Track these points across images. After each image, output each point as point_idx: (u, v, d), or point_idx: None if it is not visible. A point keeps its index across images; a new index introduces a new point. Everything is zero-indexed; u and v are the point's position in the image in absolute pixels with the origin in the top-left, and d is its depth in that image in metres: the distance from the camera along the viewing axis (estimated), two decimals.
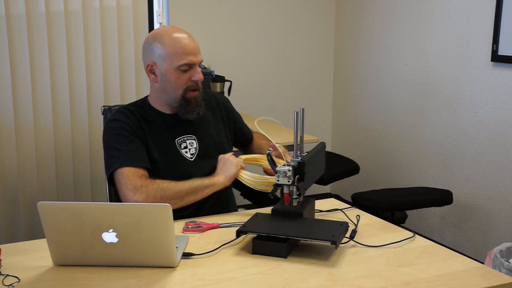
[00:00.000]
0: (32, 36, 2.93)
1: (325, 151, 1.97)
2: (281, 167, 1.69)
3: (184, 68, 1.94)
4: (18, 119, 2.96)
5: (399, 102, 3.92)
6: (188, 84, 1.97)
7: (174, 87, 1.96)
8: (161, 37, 1.95)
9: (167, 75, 1.95)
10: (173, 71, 1.94)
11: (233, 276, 1.47)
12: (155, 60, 1.96)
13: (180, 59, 1.93)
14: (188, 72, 1.96)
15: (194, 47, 1.96)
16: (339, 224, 1.66)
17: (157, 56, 1.95)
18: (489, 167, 3.31)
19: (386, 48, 3.98)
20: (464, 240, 3.52)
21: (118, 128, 1.95)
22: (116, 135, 1.95)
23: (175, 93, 1.97)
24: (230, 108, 2.24)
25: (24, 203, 3.02)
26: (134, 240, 1.46)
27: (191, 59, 1.94)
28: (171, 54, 1.93)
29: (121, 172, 1.87)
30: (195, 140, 2.05)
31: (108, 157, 1.94)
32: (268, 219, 1.71)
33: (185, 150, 2.02)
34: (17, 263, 1.52)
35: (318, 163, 1.89)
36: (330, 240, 1.54)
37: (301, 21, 4.29)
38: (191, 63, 1.95)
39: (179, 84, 1.96)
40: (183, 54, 1.93)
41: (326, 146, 1.97)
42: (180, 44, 1.94)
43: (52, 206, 1.46)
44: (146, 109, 2.04)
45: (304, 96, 4.41)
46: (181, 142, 2.03)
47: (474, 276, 1.49)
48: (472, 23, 3.32)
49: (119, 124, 1.96)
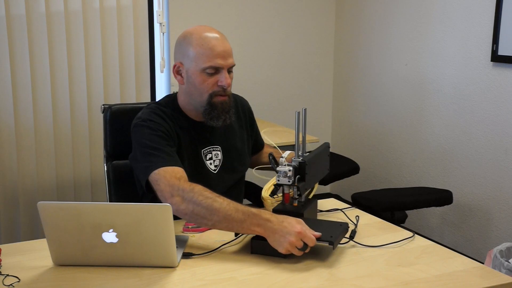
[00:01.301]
0: (32, 36, 2.93)
1: (329, 152, 1.93)
2: (281, 167, 1.68)
3: (210, 71, 1.81)
4: (18, 119, 2.96)
5: (399, 102, 3.92)
6: (214, 89, 1.84)
7: (199, 91, 1.84)
8: (191, 36, 1.84)
9: (192, 78, 1.84)
10: (199, 73, 1.82)
11: (233, 276, 1.47)
12: (182, 60, 1.86)
13: (206, 61, 1.80)
14: (214, 75, 1.83)
15: (224, 50, 1.83)
16: (339, 225, 1.66)
17: (185, 56, 1.84)
18: (489, 167, 3.31)
19: (386, 48, 3.98)
20: (464, 240, 3.52)
21: (154, 128, 1.82)
22: (153, 135, 1.80)
23: (201, 97, 1.85)
24: (253, 116, 2.13)
25: (24, 203, 3.02)
26: (134, 240, 1.46)
27: (218, 62, 1.81)
28: (198, 55, 1.81)
29: (165, 171, 1.70)
30: (220, 152, 1.96)
31: (147, 155, 1.77)
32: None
33: (209, 162, 1.93)
34: (17, 263, 1.52)
35: (321, 163, 1.86)
36: (328, 241, 1.54)
37: (301, 21, 4.29)
38: (218, 67, 1.82)
39: (204, 88, 1.83)
40: (210, 56, 1.80)
41: (329, 147, 1.93)
42: (208, 45, 1.81)
43: (52, 206, 1.46)
44: (177, 113, 1.92)
45: (304, 96, 4.41)
46: (207, 153, 1.93)
47: (474, 276, 1.49)
48: (472, 23, 3.32)
49: (155, 125, 1.83)
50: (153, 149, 1.77)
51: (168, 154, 1.77)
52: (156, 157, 1.75)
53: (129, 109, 2.16)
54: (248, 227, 1.57)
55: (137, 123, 1.88)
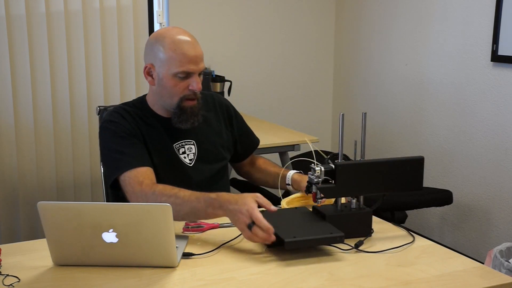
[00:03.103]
0: (32, 36, 2.93)
1: (421, 168, 1.70)
2: (322, 165, 1.67)
3: (181, 75, 1.84)
4: (18, 119, 2.96)
5: (399, 102, 3.92)
6: (185, 93, 1.87)
7: (170, 94, 1.87)
8: (163, 39, 1.85)
9: (164, 80, 1.86)
10: (170, 77, 1.84)
11: (233, 276, 1.47)
12: (153, 62, 1.87)
13: (178, 66, 1.83)
14: (186, 80, 1.85)
15: (196, 55, 1.84)
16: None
17: (156, 58, 1.86)
18: (489, 167, 3.31)
19: (386, 48, 3.98)
20: (464, 240, 3.52)
21: (115, 130, 1.87)
22: (115, 137, 1.87)
23: (171, 100, 1.88)
24: (232, 112, 2.13)
25: (24, 203, 3.03)
26: (134, 240, 1.46)
27: (190, 67, 1.83)
28: (170, 60, 1.83)
29: (129, 176, 1.79)
30: (194, 145, 1.98)
31: (111, 160, 1.86)
32: (285, 215, 1.72)
33: (183, 156, 1.96)
34: (17, 263, 1.52)
35: (382, 179, 1.70)
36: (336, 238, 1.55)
37: (301, 21, 4.29)
38: (190, 72, 1.84)
39: (175, 91, 1.86)
40: (182, 61, 1.82)
41: (423, 162, 1.71)
42: (181, 50, 1.82)
43: (52, 206, 1.46)
44: (144, 111, 1.96)
45: (304, 96, 4.41)
46: (179, 147, 1.96)
47: (474, 276, 1.49)
48: (472, 23, 3.32)
49: (116, 126, 1.88)
50: (116, 152, 1.85)
51: (130, 155, 1.83)
52: (119, 161, 1.83)
53: None
54: (212, 212, 1.66)
55: (101, 125, 1.95)
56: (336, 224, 1.63)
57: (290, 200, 1.91)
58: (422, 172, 1.72)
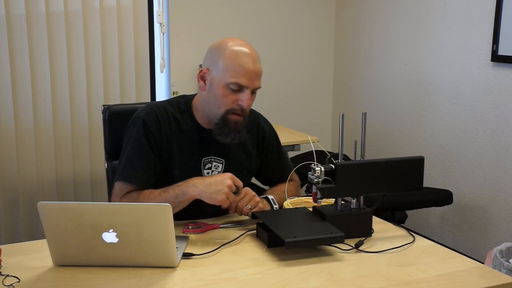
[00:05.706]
0: (32, 36, 2.93)
1: (421, 168, 1.71)
2: (322, 165, 1.67)
3: (234, 87, 1.78)
4: (18, 119, 2.96)
5: (399, 102, 3.92)
6: (232, 106, 1.81)
7: (218, 104, 1.81)
8: (226, 46, 1.80)
9: (215, 88, 1.81)
10: (222, 86, 1.79)
11: (233, 276, 1.47)
12: (210, 67, 1.82)
13: (232, 77, 1.77)
14: (237, 93, 1.79)
15: (254, 70, 1.79)
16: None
17: (213, 64, 1.81)
18: (489, 167, 3.31)
19: (386, 48, 3.98)
20: (464, 240, 3.52)
21: (141, 133, 1.83)
22: (136, 141, 1.84)
23: (217, 110, 1.82)
24: (267, 138, 2.04)
25: (24, 203, 3.03)
26: (134, 240, 1.46)
27: (244, 81, 1.77)
28: (226, 68, 1.78)
29: (120, 187, 1.83)
30: (222, 164, 1.92)
31: (121, 162, 1.86)
32: (285, 215, 1.74)
33: (207, 171, 1.90)
34: (18, 263, 1.52)
35: (383, 179, 1.70)
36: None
37: (301, 21, 4.29)
38: (243, 85, 1.78)
39: (223, 102, 1.80)
40: (238, 72, 1.77)
41: (423, 162, 1.72)
42: (240, 62, 1.77)
43: (52, 206, 1.46)
44: (185, 115, 1.90)
45: (304, 96, 4.42)
46: (207, 162, 1.90)
47: (474, 276, 1.49)
48: (472, 23, 3.32)
49: (145, 129, 1.84)
50: (127, 157, 1.85)
51: (135, 169, 1.82)
52: (124, 168, 1.84)
53: (128, 110, 2.16)
54: (185, 195, 1.71)
55: (134, 117, 1.91)
56: (336, 224, 1.63)
57: (294, 201, 1.91)
58: (422, 172, 1.73)
